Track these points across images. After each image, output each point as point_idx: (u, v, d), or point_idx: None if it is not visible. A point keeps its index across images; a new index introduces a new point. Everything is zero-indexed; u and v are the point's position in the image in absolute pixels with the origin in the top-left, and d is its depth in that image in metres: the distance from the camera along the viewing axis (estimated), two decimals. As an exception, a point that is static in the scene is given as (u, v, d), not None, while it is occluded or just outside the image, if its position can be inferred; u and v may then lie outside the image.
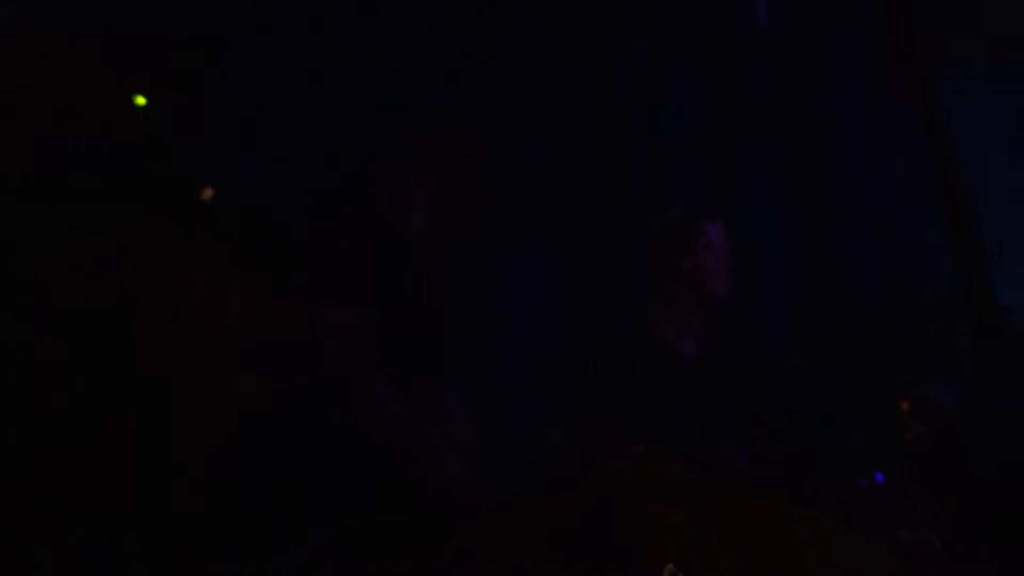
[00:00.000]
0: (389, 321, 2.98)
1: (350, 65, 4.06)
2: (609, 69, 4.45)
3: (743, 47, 4.61)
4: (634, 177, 4.43)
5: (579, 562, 2.39)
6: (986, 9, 4.52)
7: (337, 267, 2.95)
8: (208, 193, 2.95)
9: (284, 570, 2.09)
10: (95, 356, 2.00)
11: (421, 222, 3.16)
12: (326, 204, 3.32)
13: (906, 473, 3.33)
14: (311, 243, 2.99)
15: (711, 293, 3.72)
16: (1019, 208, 4.16)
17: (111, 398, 2.00)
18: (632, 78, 4.47)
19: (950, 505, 3.21)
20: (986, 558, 3.05)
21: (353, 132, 3.97)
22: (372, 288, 2.99)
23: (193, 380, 2.04)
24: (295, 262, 2.63)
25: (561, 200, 4.32)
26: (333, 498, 2.42)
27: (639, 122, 4.48)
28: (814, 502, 3.14)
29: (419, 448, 2.89)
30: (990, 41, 4.53)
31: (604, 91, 4.45)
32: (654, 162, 4.45)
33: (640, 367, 3.65)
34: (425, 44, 4.17)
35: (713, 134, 4.53)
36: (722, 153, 4.54)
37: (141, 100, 3.07)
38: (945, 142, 2.30)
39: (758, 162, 4.59)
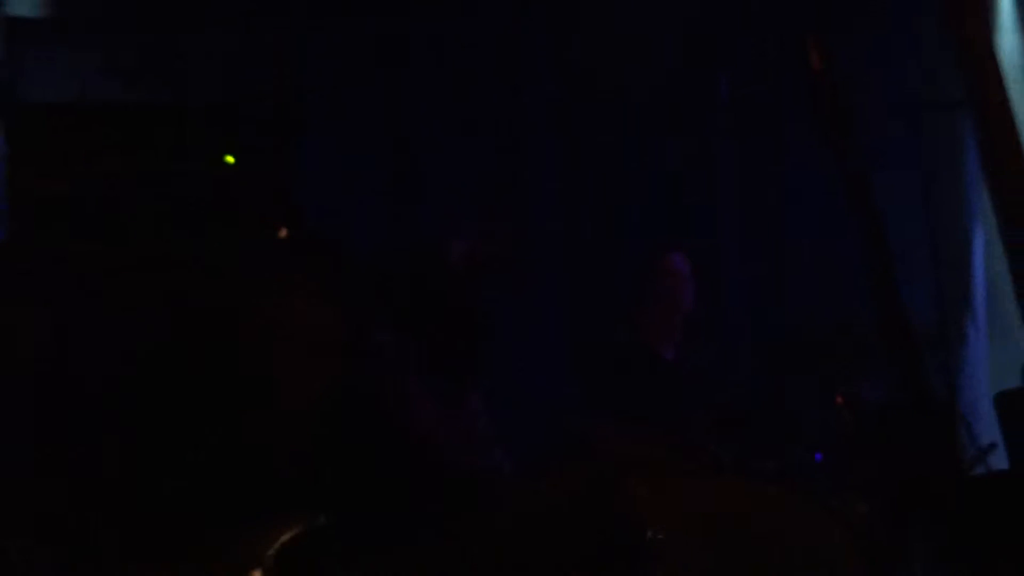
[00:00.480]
0: (427, 338, 3.48)
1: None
2: (608, 121, 4.94)
3: (710, 88, 5.00)
4: (623, 216, 4.94)
5: (575, 541, 2.48)
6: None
7: (393, 294, 3.43)
8: (283, 232, 3.52)
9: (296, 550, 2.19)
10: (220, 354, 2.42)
11: (463, 265, 3.76)
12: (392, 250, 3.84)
13: (840, 454, 3.88)
14: (376, 276, 3.56)
15: (679, 307, 4.25)
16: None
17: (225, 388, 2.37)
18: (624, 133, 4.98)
19: (875, 479, 3.67)
20: (901, 520, 3.49)
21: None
22: (417, 311, 3.47)
23: (286, 369, 2.36)
24: (364, 289, 3.05)
25: (569, 239, 4.89)
26: (368, 480, 2.66)
27: (625, 166, 4.98)
28: (768, 477, 3.67)
29: (444, 440, 3.25)
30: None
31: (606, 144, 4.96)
32: (639, 201, 4.98)
33: (630, 367, 4.15)
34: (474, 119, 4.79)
35: (684, 173, 5.00)
36: (697, 190, 5.02)
37: (231, 159, 3.62)
38: (858, 170, 2.44)
39: (725, 201, 5.03)
